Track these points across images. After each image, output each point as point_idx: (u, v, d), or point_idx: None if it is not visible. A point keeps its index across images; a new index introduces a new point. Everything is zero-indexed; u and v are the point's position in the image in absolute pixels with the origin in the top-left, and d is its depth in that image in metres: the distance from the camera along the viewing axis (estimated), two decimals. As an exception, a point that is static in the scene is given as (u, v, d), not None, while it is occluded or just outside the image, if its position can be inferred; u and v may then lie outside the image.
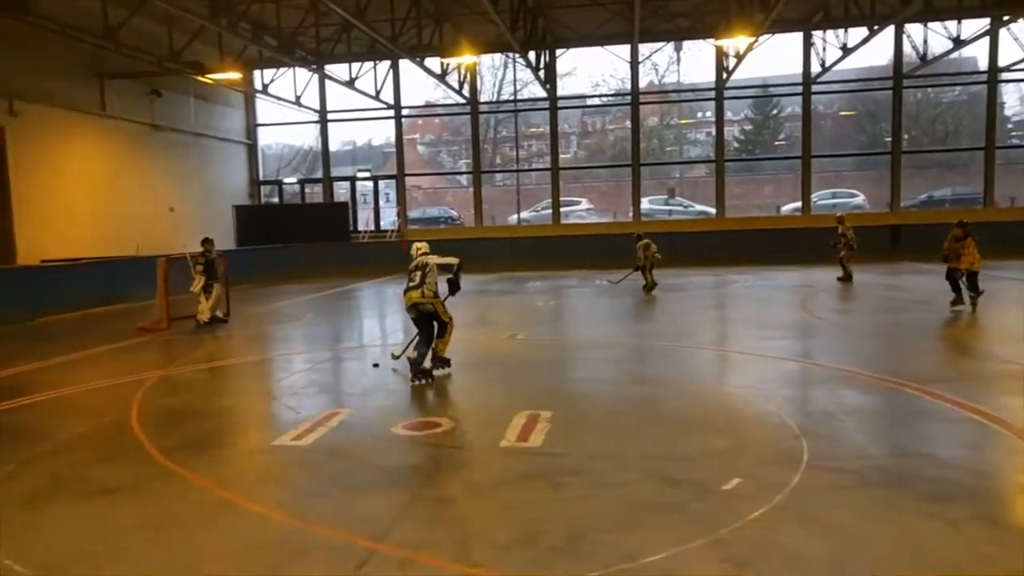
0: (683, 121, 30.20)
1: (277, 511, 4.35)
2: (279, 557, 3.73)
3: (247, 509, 4.42)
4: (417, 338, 7.82)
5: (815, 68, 23.76)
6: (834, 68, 23.10)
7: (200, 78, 19.71)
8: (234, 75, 19.05)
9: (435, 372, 7.70)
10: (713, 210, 25.43)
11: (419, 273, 7.53)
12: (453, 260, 7.71)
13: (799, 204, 24.95)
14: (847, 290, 14.81)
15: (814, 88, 24.47)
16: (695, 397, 6.92)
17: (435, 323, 7.70)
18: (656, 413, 6.30)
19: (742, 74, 23.59)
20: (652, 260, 15.24)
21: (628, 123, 26.17)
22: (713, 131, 25.62)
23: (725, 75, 23.70)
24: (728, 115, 26.46)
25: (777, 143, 30.26)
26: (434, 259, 7.65)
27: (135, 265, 15.65)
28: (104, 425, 6.47)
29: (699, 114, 29.82)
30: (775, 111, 30.06)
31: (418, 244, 8.04)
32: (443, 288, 7.74)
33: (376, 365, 8.42)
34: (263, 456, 5.63)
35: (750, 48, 19.63)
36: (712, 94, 25.10)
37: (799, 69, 24.21)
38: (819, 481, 4.48)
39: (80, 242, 17.10)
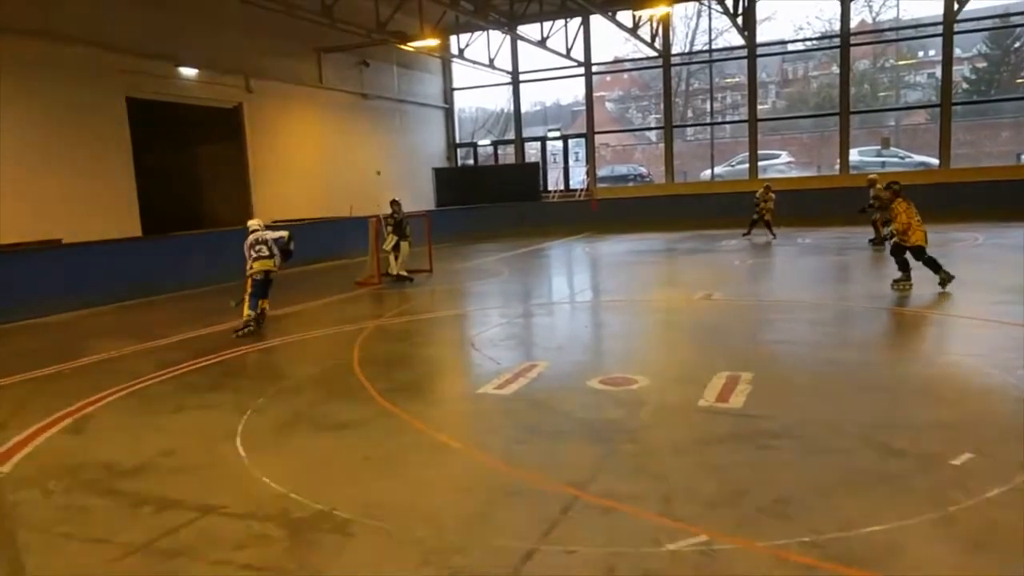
0: (901, 62, 27.20)
1: (485, 454, 4.64)
2: (490, 496, 3.99)
3: (458, 450, 4.76)
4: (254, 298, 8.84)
5: (1074, -10, 20.30)
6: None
7: (402, 46, 20.80)
8: (432, 42, 19.85)
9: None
10: (935, 160, 22.77)
11: (265, 247, 8.92)
12: (284, 233, 9.26)
13: (1046, 150, 21.68)
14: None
15: (1071, 14, 20.94)
16: (915, 364, 6.37)
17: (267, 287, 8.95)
18: (869, 379, 5.88)
19: (977, 3, 20.74)
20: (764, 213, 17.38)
21: (835, 68, 24.00)
22: (937, 72, 22.78)
23: (956, 6, 20.92)
24: (957, 52, 23.34)
25: (1020, 81, 26.36)
26: (270, 234, 9.11)
27: (350, 225, 17.15)
28: (332, 367, 7.24)
29: (920, 53, 26.69)
30: (1018, 44, 26.11)
31: (251, 222, 9.42)
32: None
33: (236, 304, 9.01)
34: (469, 403, 6.01)
35: (990, -28, 17.15)
36: (939, 29, 22.24)
37: (1052, -8, 20.82)
38: (1072, 463, 3.98)
39: (302, 204, 18.92)
